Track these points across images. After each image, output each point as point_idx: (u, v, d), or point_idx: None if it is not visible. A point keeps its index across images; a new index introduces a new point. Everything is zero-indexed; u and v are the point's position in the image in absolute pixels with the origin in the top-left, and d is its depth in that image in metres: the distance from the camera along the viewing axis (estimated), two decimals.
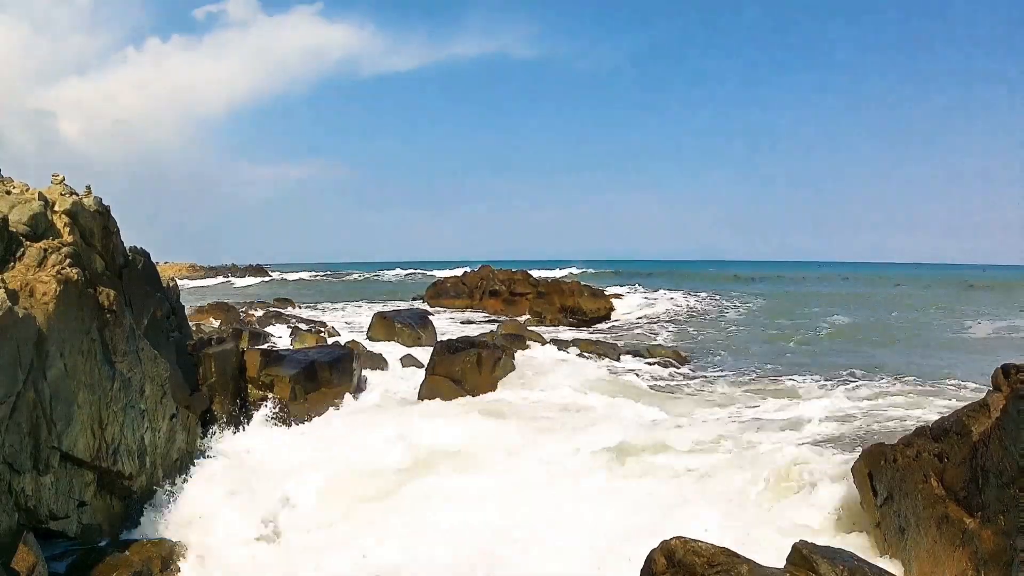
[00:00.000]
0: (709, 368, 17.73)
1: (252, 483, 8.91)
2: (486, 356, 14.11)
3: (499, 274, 36.16)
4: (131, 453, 7.34)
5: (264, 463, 9.94)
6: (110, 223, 8.66)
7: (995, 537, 4.56)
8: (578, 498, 7.96)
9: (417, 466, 9.28)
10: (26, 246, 6.65)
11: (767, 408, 12.65)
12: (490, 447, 9.99)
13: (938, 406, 11.26)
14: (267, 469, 9.61)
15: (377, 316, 21.92)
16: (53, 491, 6.14)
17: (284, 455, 10.29)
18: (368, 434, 10.80)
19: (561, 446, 9.91)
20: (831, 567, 4.39)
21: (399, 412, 12.45)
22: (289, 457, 10.15)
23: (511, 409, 12.39)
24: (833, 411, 11.56)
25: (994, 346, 21.29)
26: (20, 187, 7.43)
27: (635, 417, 11.90)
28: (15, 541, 5.35)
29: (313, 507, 8.45)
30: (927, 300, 39.34)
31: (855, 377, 15.64)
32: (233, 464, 9.71)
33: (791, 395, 13.90)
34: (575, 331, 25.85)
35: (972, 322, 26.73)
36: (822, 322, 27.20)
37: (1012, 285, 53.33)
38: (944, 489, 5.11)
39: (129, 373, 7.60)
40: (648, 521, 6.85)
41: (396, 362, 17.14)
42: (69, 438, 6.31)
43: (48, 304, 6.25)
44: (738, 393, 14.33)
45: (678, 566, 4.59)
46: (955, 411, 5.37)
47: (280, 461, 9.98)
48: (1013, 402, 4.62)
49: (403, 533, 7.47)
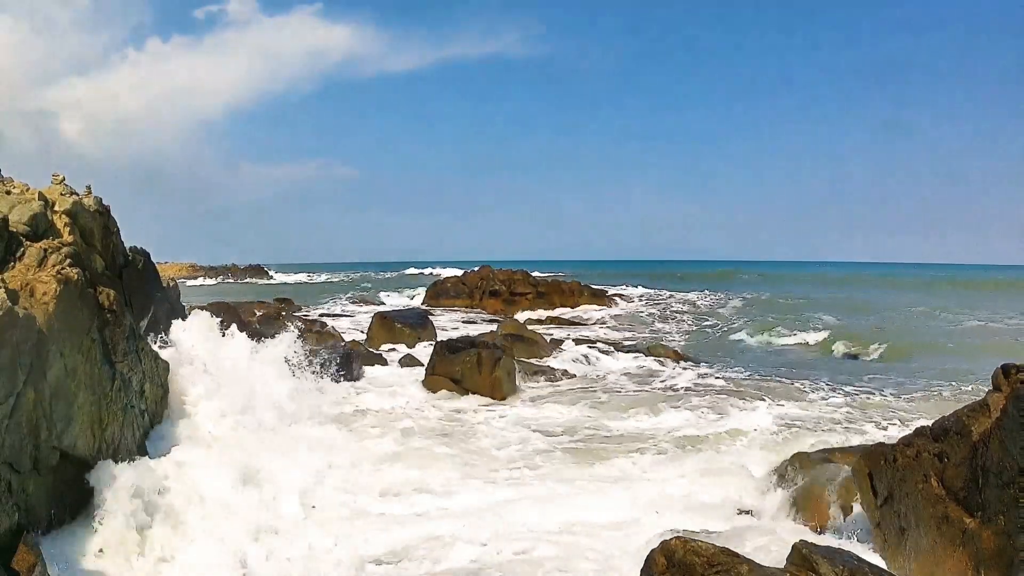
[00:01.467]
0: (713, 367, 17.73)
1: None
2: (486, 356, 14.10)
3: (499, 274, 36.16)
4: (131, 453, 7.34)
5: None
6: (110, 223, 8.66)
7: (995, 537, 4.57)
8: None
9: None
10: (26, 246, 6.65)
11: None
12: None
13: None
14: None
15: (377, 316, 21.93)
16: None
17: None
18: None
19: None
20: (831, 567, 4.39)
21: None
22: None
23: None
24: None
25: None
26: (20, 187, 7.44)
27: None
28: (15, 541, 5.34)
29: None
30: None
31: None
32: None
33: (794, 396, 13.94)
34: (575, 329, 25.85)
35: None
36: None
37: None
38: (944, 489, 5.12)
39: (129, 373, 7.60)
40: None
41: (396, 362, 17.16)
42: (69, 437, 6.31)
43: (48, 304, 6.25)
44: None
45: (678, 566, 4.59)
46: (955, 411, 5.37)
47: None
48: (1013, 402, 4.62)
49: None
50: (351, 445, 10.23)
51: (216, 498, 7.15)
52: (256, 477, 7.83)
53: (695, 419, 12.26)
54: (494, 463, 9.85)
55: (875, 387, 15.06)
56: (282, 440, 9.54)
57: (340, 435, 10.59)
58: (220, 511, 6.98)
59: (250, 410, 9.77)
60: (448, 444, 10.64)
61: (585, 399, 13.72)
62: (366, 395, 13.83)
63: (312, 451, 9.36)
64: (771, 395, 14.01)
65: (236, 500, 7.27)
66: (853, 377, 16.35)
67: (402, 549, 6.87)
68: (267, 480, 7.92)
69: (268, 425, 9.90)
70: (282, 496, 7.76)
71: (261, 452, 8.51)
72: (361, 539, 7.03)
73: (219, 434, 8.80)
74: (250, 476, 7.74)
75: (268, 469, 8.12)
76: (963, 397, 11.96)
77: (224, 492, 7.29)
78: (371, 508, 8.02)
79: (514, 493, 8.51)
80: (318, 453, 9.36)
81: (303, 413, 11.02)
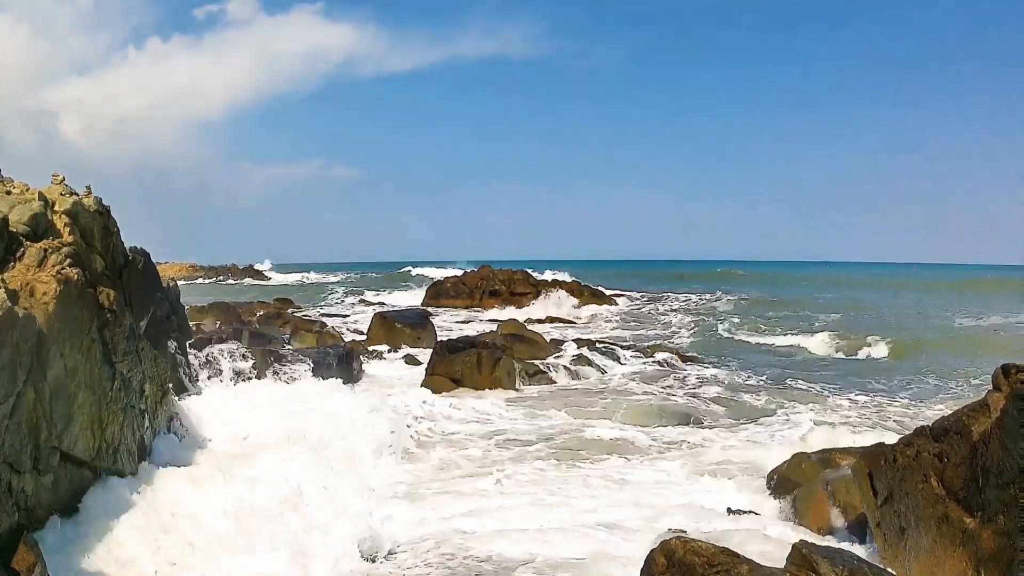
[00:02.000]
0: (718, 368, 17.70)
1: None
2: (486, 356, 14.11)
3: (499, 274, 36.18)
4: (131, 453, 7.34)
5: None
6: (110, 223, 8.66)
7: (995, 537, 4.56)
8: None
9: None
10: (26, 246, 6.65)
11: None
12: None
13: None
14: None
15: (377, 316, 21.92)
16: (53, 491, 6.14)
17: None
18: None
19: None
20: (831, 567, 4.39)
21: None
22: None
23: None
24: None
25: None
26: (20, 187, 7.43)
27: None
28: (15, 541, 5.34)
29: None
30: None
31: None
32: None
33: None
34: (575, 330, 25.85)
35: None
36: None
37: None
38: (944, 489, 5.11)
39: (129, 373, 7.60)
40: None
41: (396, 362, 17.17)
42: (69, 438, 6.31)
43: (48, 304, 6.25)
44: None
45: (678, 566, 4.59)
46: (955, 411, 5.37)
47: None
48: (1013, 402, 4.62)
49: None
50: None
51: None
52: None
53: (698, 419, 12.26)
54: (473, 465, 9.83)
55: (885, 387, 15.02)
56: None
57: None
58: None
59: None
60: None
61: (585, 399, 13.71)
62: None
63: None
64: (778, 395, 14.00)
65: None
66: (862, 378, 16.29)
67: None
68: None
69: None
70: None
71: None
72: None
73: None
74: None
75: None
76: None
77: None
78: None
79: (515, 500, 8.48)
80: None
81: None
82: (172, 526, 6.35)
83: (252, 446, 8.91)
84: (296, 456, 8.43)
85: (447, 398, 13.45)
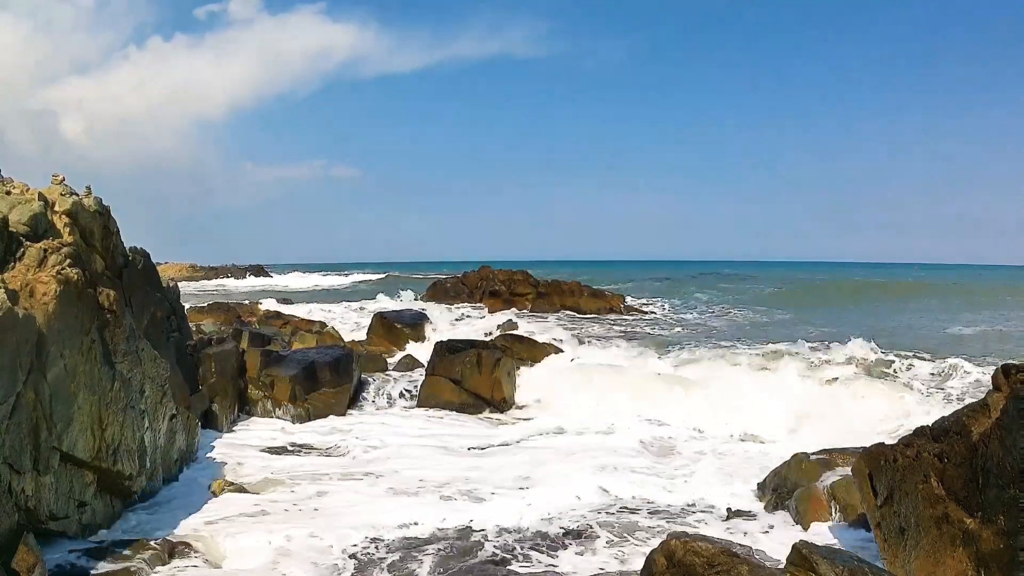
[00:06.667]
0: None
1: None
2: (486, 356, 14.10)
3: (499, 274, 36.10)
4: (131, 453, 7.34)
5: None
6: (110, 223, 8.66)
7: (995, 537, 4.57)
8: None
9: None
10: (26, 246, 6.65)
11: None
12: None
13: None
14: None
15: (377, 316, 21.89)
16: (53, 491, 6.14)
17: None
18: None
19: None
20: (831, 567, 4.38)
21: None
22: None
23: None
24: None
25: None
26: (20, 187, 7.43)
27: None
28: (15, 541, 5.35)
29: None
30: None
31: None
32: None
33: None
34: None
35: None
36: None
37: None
38: (944, 489, 5.11)
39: (129, 373, 7.60)
40: None
41: (396, 362, 17.15)
42: (69, 438, 6.32)
43: (48, 304, 6.25)
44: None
45: (678, 566, 4.59)
46: (955, 411, 5.37)
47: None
48: (1013, 402, 4.62)
49: None
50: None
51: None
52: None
53: (702, 419, 12.25)
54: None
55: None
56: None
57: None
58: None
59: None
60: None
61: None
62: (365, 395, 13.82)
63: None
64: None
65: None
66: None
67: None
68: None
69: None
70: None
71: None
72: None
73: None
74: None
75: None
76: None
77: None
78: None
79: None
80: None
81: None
82: None
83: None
84: None
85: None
